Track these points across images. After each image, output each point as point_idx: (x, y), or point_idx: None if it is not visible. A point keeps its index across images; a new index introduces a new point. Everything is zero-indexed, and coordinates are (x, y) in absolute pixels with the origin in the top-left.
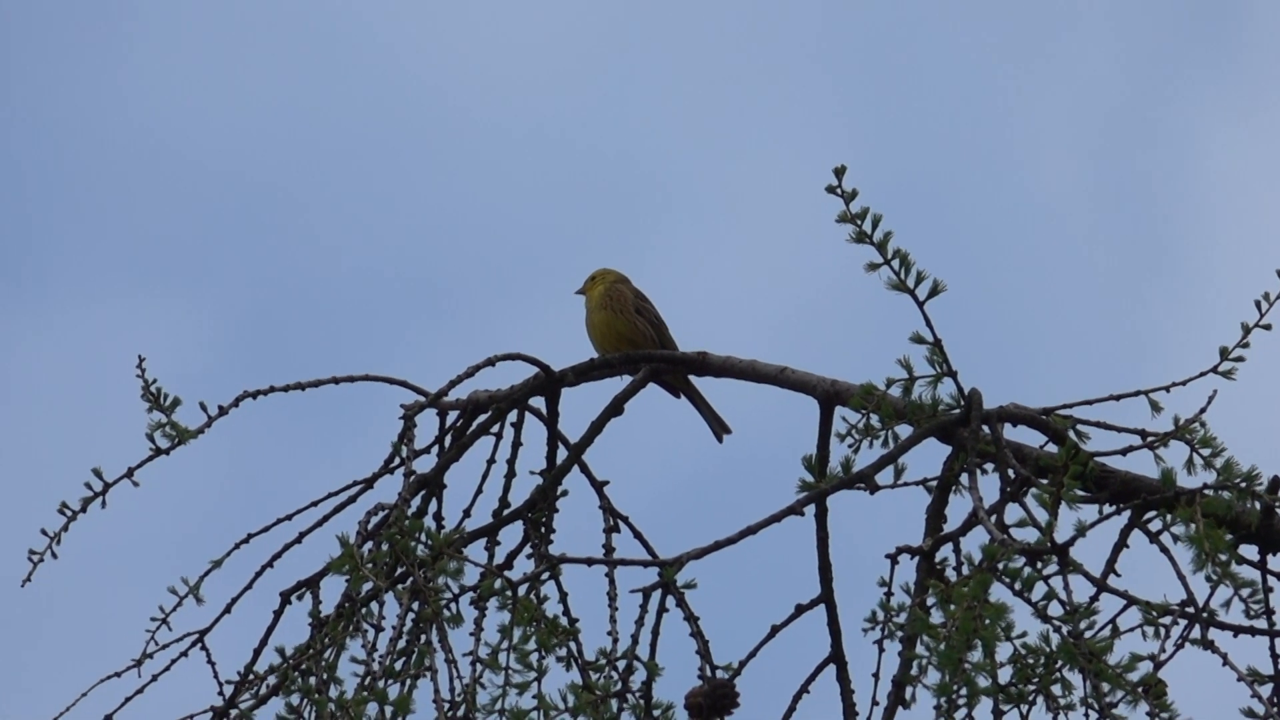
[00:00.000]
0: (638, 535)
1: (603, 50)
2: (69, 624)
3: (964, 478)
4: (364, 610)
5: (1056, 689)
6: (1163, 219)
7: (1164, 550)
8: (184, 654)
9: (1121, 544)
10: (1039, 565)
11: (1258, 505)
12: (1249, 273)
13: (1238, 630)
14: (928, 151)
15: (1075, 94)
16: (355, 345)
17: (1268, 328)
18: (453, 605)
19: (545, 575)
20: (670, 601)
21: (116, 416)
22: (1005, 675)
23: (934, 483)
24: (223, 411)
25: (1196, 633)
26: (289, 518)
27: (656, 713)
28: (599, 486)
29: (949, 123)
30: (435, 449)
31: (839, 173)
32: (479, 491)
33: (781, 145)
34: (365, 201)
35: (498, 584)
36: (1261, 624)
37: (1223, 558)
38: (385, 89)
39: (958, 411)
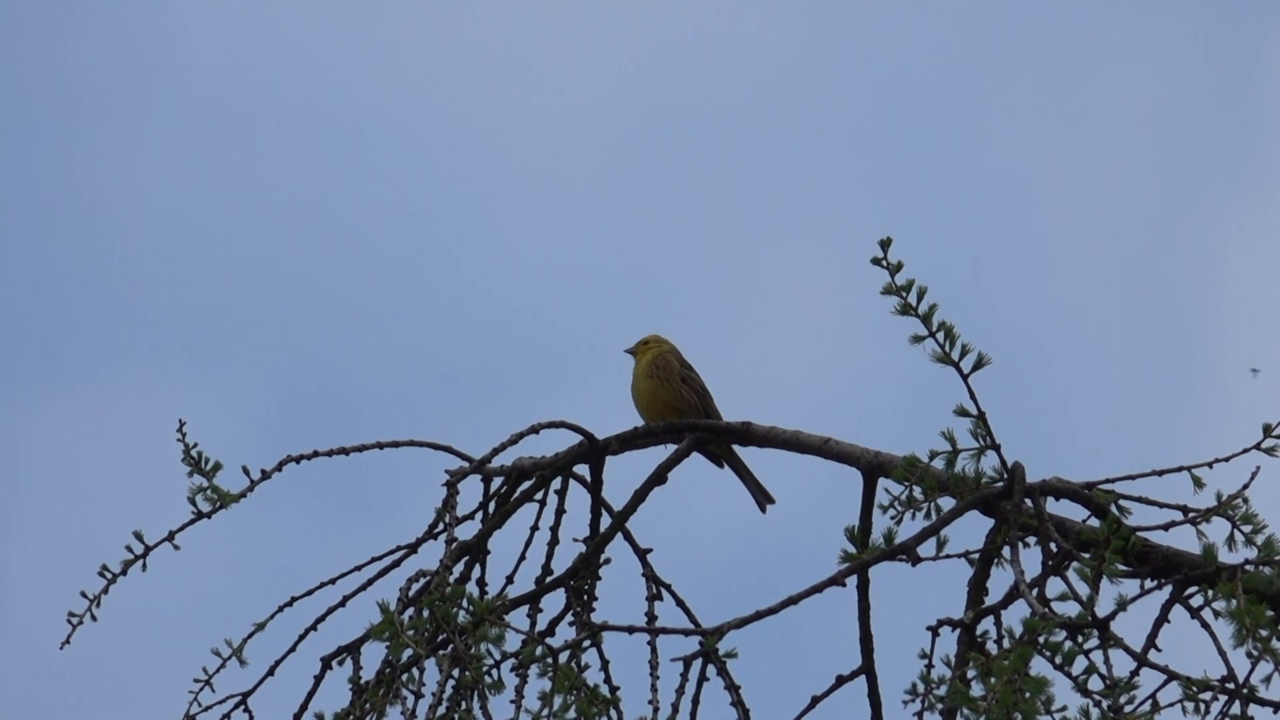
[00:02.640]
0: (680, 604)
1: (641, 131)
2: (111, 686)
3: (1006, 551)
4: (404, 676)
5: None
6: (1194, 307)
7: (1205, 626)
8: (226, 716)
9: (1162, 619)
10: (1080, 639)
11: None
12: None
13: (1278, 707)
14: (961, 237)
15: (1105, 186)
16: (396, 421)
17: None
18: (494, 672)
19: (587, 643)
20: (711, 670)
21: (152, 498)
22: None
23: (976, 555)
24: (265, 475)
25: (1237, 708)
26: (332, 581)
27: None
28: (642, 554)
29: (980, 209)
30: (479, 515)
31: (884, 245)
32: (522, 558)
33: (821, 221)
34: (403, 283)
35: (539, 651)
36: None
37: (1263, 634)
38: (418, 173)
39: (1000, 485)
